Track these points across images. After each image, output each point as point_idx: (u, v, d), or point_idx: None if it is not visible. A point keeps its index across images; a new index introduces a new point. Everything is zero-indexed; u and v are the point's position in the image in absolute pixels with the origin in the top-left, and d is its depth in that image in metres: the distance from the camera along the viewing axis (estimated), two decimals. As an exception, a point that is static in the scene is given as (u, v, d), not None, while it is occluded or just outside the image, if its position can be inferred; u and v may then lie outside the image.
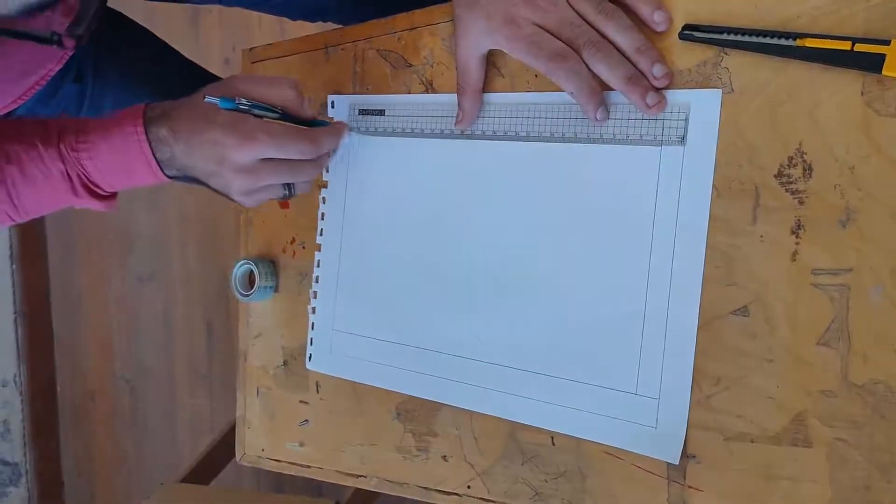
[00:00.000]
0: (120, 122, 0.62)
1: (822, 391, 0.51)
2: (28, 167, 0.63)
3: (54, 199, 0.65)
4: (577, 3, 0.56)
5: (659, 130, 0.56)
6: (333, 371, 0.73)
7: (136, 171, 0.63)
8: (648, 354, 0.56)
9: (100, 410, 2.26)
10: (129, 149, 0.62)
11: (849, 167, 0.50)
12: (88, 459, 2.29)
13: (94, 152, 0.63)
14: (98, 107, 0.83)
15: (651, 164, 0.57)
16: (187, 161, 0.63)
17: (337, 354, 0.73)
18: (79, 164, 0.63)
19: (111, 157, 0.63)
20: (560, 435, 0.60)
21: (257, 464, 0.78)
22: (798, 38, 0.51)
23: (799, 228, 0.52)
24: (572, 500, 0.60)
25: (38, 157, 0.63)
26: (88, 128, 0.63)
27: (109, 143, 0.62)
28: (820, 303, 0.51)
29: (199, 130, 0.61)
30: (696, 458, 0.55)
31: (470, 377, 0.64)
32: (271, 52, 0.78)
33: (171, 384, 2.09)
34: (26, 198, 0.64)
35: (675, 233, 0.56)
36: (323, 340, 0.74)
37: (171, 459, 2.07)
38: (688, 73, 0.55)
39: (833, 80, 0.50)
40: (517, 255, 0.62)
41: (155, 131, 0.62)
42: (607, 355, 0.58)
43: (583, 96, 0.57)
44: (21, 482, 2.28)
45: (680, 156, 0.56)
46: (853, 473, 0.50)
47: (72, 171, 0.63)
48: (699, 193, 0.55)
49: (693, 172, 0.55)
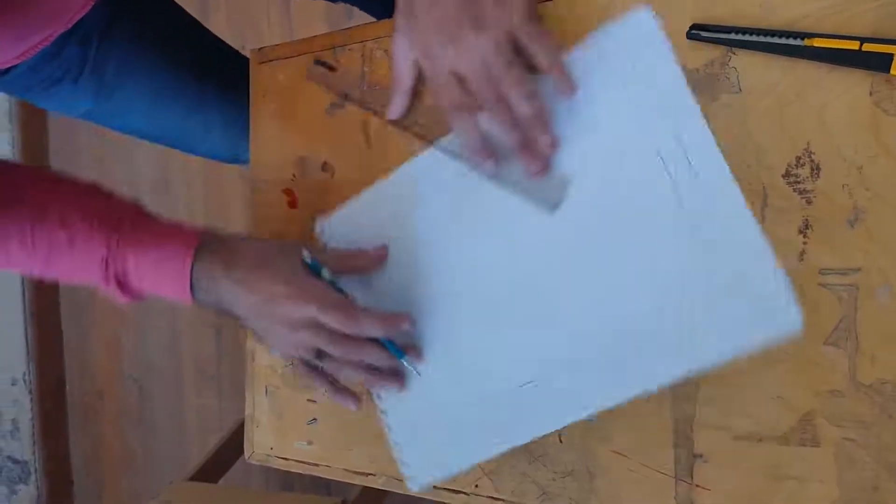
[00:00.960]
0: (174, 238, 0.64)
1: (830, 391, 0.51)
2: (77, 238, 0.64)
3: (83, 274, 0.65)
4: (489, 61, 0.57)
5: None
6: (444, 475, 0.66)
7: (168, 288, 0.64)
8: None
9: (108, 409, 2.27)
10: (170, 269, 0.63)
11: (857, 167, 0.50)
12: (97, 458, 2.30)
13: (140, 257, 0.63)
14: (101, 72, 0.81)
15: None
16: (229, 298, 0.63)
17: (432, 457, 0.66)
18: (122, 259, 0.64)
19: (152, 267, 0.64)
20: (568, 434, 0.61)
21: (266, 462, 0.79)
22: (806, 37, 0.51)
23: (807, 228, 0.52)
24: (580, 500, 0.60)
25: (89, 236, 0.64)
26: (146, 227, 0.64)
27: (157, 253, 0.63)
28: (828, 303, 0.51)
29: (256, 274, 0.63)
30: (703, 458, 0.55)
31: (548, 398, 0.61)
32: (280, 53, 0.78)
33: (179, 383, 2.10)
34: (60, 263, 0.65)
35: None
36: (414, 452, 0.67)
37: (180, 458, 2.08)
38: (695, 73, 0.55)
39: (841, 80, 0.50)
40: (552, 267, 0.61)
41: (206, 262, 0.63)
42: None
43: (471, 151, 0.60)
44: (30, 480, 2.29)
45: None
46: (861, 473, 0.50)
47: (111, 262, 0.64)
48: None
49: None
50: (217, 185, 2.02)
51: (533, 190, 0.61)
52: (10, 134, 2.27)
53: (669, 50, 0.56)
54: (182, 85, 0.86)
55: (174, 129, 0.90)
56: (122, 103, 0.84)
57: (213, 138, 0.91)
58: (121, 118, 0.87)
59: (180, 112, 0.87)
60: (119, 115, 0.86)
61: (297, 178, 0.76)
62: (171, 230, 0.65)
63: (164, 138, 0.92)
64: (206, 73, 0.87)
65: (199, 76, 0.87)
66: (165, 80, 0.85)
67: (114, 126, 0.88)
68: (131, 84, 0.83)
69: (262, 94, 0.79)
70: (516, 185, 0.61)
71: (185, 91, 0.86)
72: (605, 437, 0.59)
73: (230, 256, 0.63)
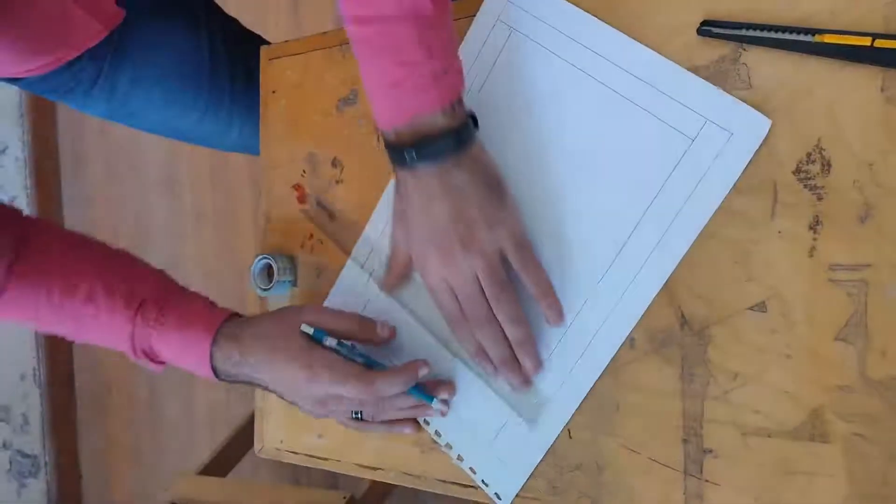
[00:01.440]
0: (197, 322, 0.66)
1: (840, 386, 0.51)
2: (102, 314, 0.67)
3: (112, 345, 0.69)
4: (483, 281, 0.59)
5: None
6: (520, 480, 0.64)
7: (194, 366, 0.67)
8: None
9: (118, 404, 2.28)
10: (193, 351, 0.66)
11: (868, 163, 0.50)
12: (106, 452, 2.32)
13: (165, 338, 0.66)
14: (114, 82, 0.82)
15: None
16: (254, 378, 0.66)
17: (507, 464, 0.65)
18: (147, 338, 0.67)
19: (177, 347, 0.66)
20: (576, 428, 0.61)
21: (276, 456, 0.79)
22: (817, 33, 0.51)
23: (817, 224, 0.52)
24: (588, 494, 0.61)
25: (113, 311, 0.66)
26: (171, 308, 0.67)
27: (181, 335, 0.66)
28: (838, 298, 0.51)
29: (268, 366, 0.64)
30: (713, 453, 0.55)
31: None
32: (289, 50, 0.79)
33: (188, 377, 2.11)
34: (89, 334, 0.69)
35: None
36: (488, 467, 0.66)
37: (188, 452, 2.09)
38: (706, 69, 0.55)
39: (852, 77, 0.50)
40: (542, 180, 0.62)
41: (224, 349, 0.65)
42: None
43: (471, 355, 0.63)
44: (40, 474, 2.31)
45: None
46: (870, 468, 0.50)
47: (137, 339, 0.67)
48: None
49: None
50: (224, 183, 2.02)
51: (517, 399, 0.64)
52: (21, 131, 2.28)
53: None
54: (195, 92, 0.86)
55: (191, 130, 0.91)
56: (136, 110, 0.86)
57: (232, 136, 0.92)
58: (136, 121, 0.88)
59: (196, 116, 0.88)
60: (134, 118, 0.87)
61: (306, 175, 0.77)
62: (191, 314, 0.67)
63: (182, 138, 0.93)
64: (220, 76, 0.87)
65: (214, 80, 0.87)
66: (179, 88, 0.86)
67: (131, 125, 0.90)
68: (144, 94, 0.84)
69: (271, 90, 0.80)
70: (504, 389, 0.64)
71: (199, 96, 0.87)
72: (614, 432, 0.59)
73: (244, 343, 0.65)
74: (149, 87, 0.84)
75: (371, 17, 0.55)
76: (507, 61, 0.64)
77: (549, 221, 0.61)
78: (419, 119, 0.56)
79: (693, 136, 0.55)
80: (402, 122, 0.57)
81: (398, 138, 0.58)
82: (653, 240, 0.57)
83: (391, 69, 0.56)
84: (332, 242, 0.75)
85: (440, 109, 0.56)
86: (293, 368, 0.63)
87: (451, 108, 0.57)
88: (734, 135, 0.54)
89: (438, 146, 0.57)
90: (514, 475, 0.64)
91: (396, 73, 0.56)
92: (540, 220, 0.62)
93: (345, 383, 0.62)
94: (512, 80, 0.63)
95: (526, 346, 0.61)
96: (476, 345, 0.62)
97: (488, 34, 0.64)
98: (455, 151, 0.57)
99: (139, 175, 2.19)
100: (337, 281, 0.74)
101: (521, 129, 0.63)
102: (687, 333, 0.57)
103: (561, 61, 0.61)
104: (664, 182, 0.57)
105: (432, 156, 0.57)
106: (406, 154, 0.57)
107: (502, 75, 0.64)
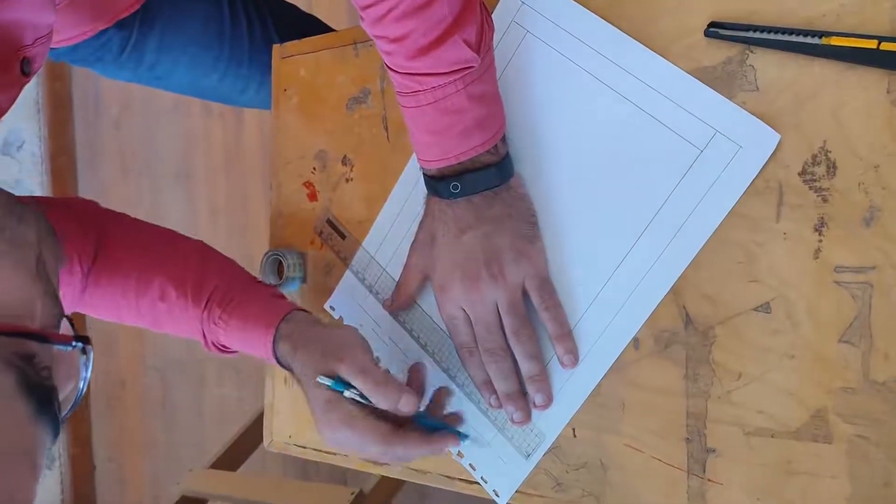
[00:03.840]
0: (257, 321, 0.66)
1: (843, 388, 0.51)
2: (175, 310, 0.69)
3: (190, 336, 0.71)
4: (504, 313, 0.60)
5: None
6: (519, 478, 0.64)
7: (263, 358, 0.68)
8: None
9: (130, 398, 2.30)
10: (258, 349, 0.67)
11: (873, 165, 0.50)
12: (119, 445, 2.34)
13: (230, 334, 0.68)
14: (141, 51, 0.84)
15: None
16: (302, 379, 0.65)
17: (506, 457, 0.65)
18: (215, 334, 0.69)
19: (241, 343, 0.68)
20: (581, 427, 0.61)
21: (285, 450, 0.80)
22: (823, 36, 0.51)
23: (822, 226, 0.52)
24: (593, 491, 0.61)
25: (185, 308, 0.69)
26: (233, 307, 0.67)
27: (243, 334, 0.67)
28: (842, 300, 0.51)
29: (306, 384, 0.63)
30: (716, 452, 0.56)
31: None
32: (302, 48, 0.79)
33: (200, 374, 2.13)
34: (167, 328, 0.71)
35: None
36: (491, 469, 0.66)
37: (200, 446, 2.11)
38: (713, 71, 0.56)
39: (858, 79, 0.51)
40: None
41: (282, 350, 0.65)
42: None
43: (478, 385, 0.64)
44: (54, 466, 2.34)
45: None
46: (873, 470, 0.50)
47: (207, 334, 0.69)
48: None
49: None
50: (238, 175, 2.03)
51: (514, 433, 0.64)
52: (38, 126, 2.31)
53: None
54: (217, 53, 0.89)
55: (212, 89, 0.93)
56: (162, 74, 0.89)
57: (249, 93, 0.95)
58: (162, 83, 0.92)
59: (217, 76, 0.91)
60: (160, 81, 0.91)
61: (317, 172, 0.78)
62: (250, 315, 0.67)
63: (202, 96, 0.96)
64: (239, 38, 0.90)
65: (234, 42, 0.90)
66: (202, 52, 0.88)
67: (156, 87, 0.93)
68: (170, 60, 0.87)
69: (283, 88, 0.80)
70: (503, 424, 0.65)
71: (221, 57, 0.89)
72: (619, 431, 0.60)
73: (297, 349, 0.64)
74: (175, 55, 0.87)
75: (416, 73, 0.56)
76: (519, 63, 0.64)
77: (555, 224, 0.62)
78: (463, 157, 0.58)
79: (702, 146, 0.56)
80: (446, 165, 0.59)
81: (440, 172, 0.60)
82: (658, 247, 0.57)
83: (433, 117, 0.57)
84: (341, 260, 0.76)
85: (484, 150, 0.58)
86: (314, 407, 0.62)
87: (495, 147, 0.59)
88: (743, 148, 0.54)
89: (481, 180, 0.59)
90: (514, 473, 0.64)
91: (437, 119, 0.57)
92: (546, 223, 0.62)
93: (363, 449, 0.61)
94: (523, 83, 0.64)
95: (539, 381, 0.61)
96: (484, 376, 0.63)
97: (502, 35, 0.64)
98: (497, 185, 0.59)
99: (153, 170, 2.21)
100: (336, 289, 0.76)
101: (529, 132, 0.63)
102: (691, 333, 0.57)
103: (573, 66, 0.61)
104: (671, 191, 0.57)
105: (474, 189, 0.59)
106: (449, 186, 0.59)
107: (513, 77, 0.64)
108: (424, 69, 0.56)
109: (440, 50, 0.54)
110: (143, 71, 0.87)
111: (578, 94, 0.61)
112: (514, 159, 0.62)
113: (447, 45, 0.54)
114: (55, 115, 2.33)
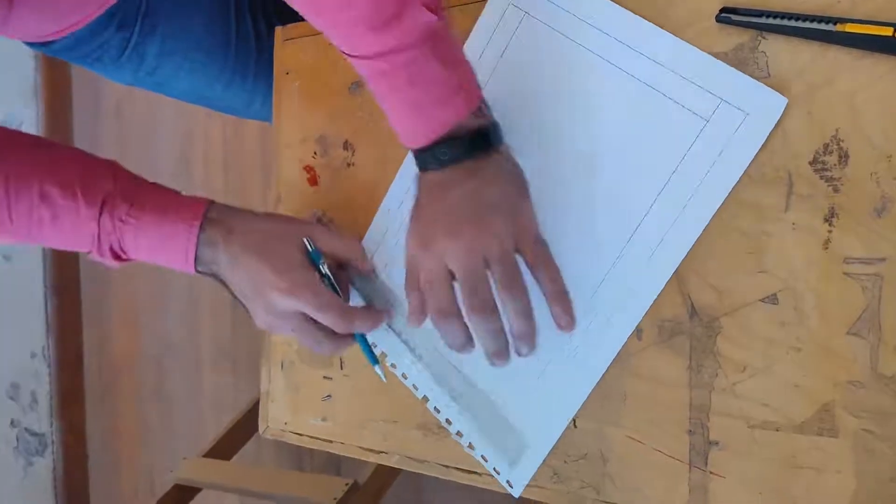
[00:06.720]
0: (178, 210, 0.63)
1: (850, 381, 0.50)
2: (60, 215, 0.62)
3: (73, 247, 0.65)
4: (495, 267, 0.55)
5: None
6: (531, 468, 0.63)
7: (170, 258, 0.64)
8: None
9: (126, 385, 2.30)
10: (175, 240, 0.63)
11: (886, 156, 0.49)
12: (113, 432, 2.33)
13: (141, 231, 0.63)
14: (142, 53, 0.82)
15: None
16: (226, 273, 0.64)
17: (519, 454, 0.64)
18: (119, 235, 0.63)
19: (155, 240, 0.63)
20: (582, 418, 0.61)
21: (280, 437, 0.79)
22: (838, 22, 0.50)
23: (832, 216, 0.51)
24: (593, 483, 0.60)
25: (74, 211, 0.62)
26: (142, 201, 0.63)
27: (159, 228, 0.62)
28: (851, 292, 0.50)
29: (252, 258, 0.62)
30: (719, 445, 0.55)
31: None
32: (304, 31, 0.78)
33: (196, 361, 2.12)
34: (46, 238, 0.64)
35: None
36: (501, 458, 0.65)
37: (194, 435, 2.10)
38: (724, 57, 0.55)
39: (873, 67, 0.50)
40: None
41: (209, 234, 0.62)
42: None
43: (455, 349, 0.57)
44: (47, 452, 2.33)
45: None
46: (879, 465, 0.50)
47: (104, 238, 0.63)
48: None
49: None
50: (237, 165, 2.02)
51: (498, 440, 0.64)
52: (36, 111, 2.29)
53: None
54: (222, 63, 0.87)
55: (216, 98, 0.91)
56: (163, 80, 0.86)
57: (255, 106, 0.93)
58: (163, 89, 0.89)
59: (221, 87, 0.89)
60: (161, 87, 0.88)
61: (318, 157, 0.77)
62: (170, 205, 0.63)
63: (206, 104, 0.94)
64: (246, 48, 0.88)
65: (239, 53, 0.88)
66: (206, 60, 0.86)
67: (157, 92, 0.91)
68: (172, 66, 0.85)
69: (285, 71, 0.79)
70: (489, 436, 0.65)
71: (225, 67, 0.87)
72: (620, 422, 0.59)
73: (233, 231, 0.63)
74: (177, 60, 0.84)
75: (383, 52, 0.54)
76: (519, 45, 0.63)
77: (559, 205, 0.61)
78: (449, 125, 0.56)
79: (707, 117, 0.55)
80: (436, 136, 0.56)
81: (430, 144, 0.57)
82: (666, 223, 0.56)
83: (410, 92, 0.55)
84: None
85: (467, 113, 0.56)
86: (271, 275, 0.61)
87: (479, 109, 0.57)
88: (749, 115, 0.53)
89: (471, 142, 0.56)
90: (526, 463, 0.63)
91: (415, 93, 0.55)
92: (549, 204, 0.61)
93: (325, 312, 0.62)
94: (524, 64, 0.63)
95: (529, 338, 0.56)
96: (463, 343, 0.57)
97: (500, 18, 0.63)
98: (486, 148, 0.57)
99: (152, 157, 2.20)
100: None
101: (532, 112, 0.62)
102: (696, 324, 0.56)
103: (573, 44, 0.60)
104: (678, 164, 0.56)
105: (464, 152, 0.56)
106: (437, 152, 0.56)
107: (514, 59, 0.63)
108: (393, 43, 0.54)
109: (404, 18, 0.53)
110: (143, 75, 0.84)
111: (578, 72, 0.60)
112: (518, 140, 0.61)
113: (409, 12, 0.53)
114: (54, 101, 2.32)
